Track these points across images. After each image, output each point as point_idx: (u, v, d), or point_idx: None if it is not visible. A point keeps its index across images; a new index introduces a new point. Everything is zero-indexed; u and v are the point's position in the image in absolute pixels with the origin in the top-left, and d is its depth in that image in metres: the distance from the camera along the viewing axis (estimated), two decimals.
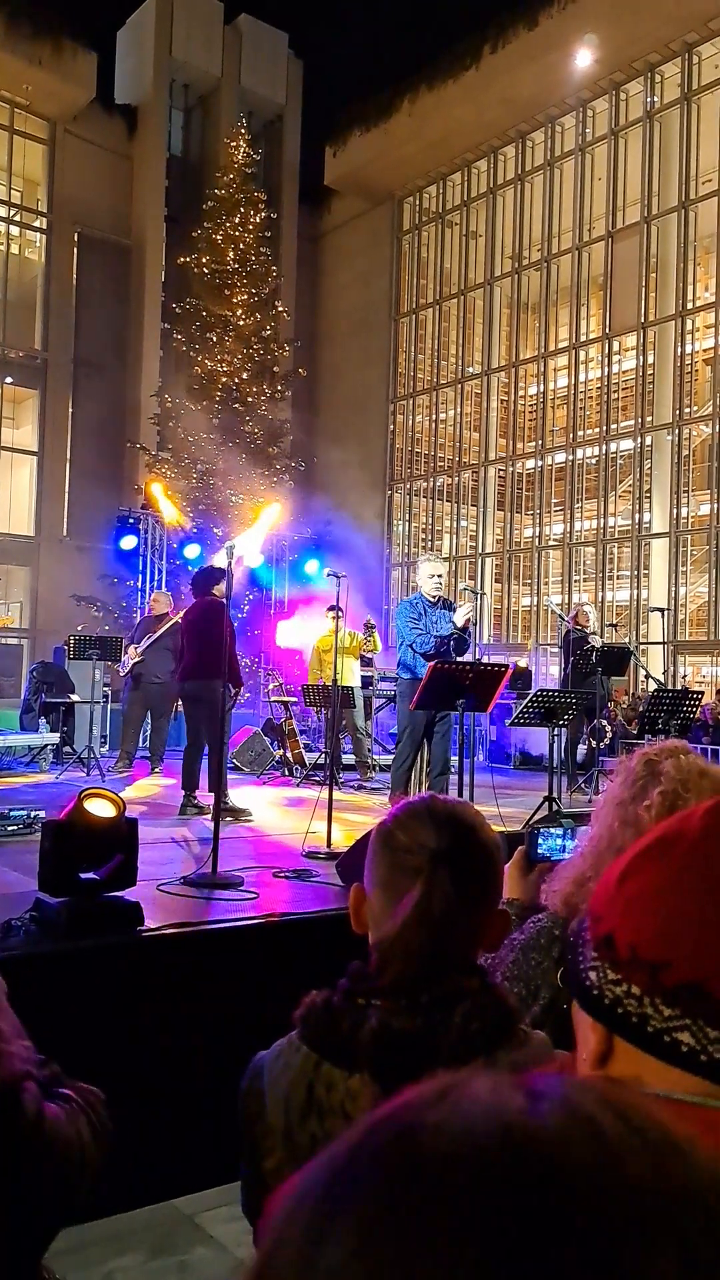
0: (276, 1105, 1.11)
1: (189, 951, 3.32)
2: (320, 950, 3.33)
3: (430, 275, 26.80)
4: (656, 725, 7.19)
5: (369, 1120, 0.36)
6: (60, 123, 25.20)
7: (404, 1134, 0.34)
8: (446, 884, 1.11)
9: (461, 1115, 0.34)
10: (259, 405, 18.24)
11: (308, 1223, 0.33)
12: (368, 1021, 1.07)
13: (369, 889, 1.20)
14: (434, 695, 5.54)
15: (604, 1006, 0.67)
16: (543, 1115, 0.34)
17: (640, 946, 0.66)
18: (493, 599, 24.31)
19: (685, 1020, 0.62)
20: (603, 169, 22.51)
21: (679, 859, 0.67)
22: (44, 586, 24.09)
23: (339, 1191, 0.33)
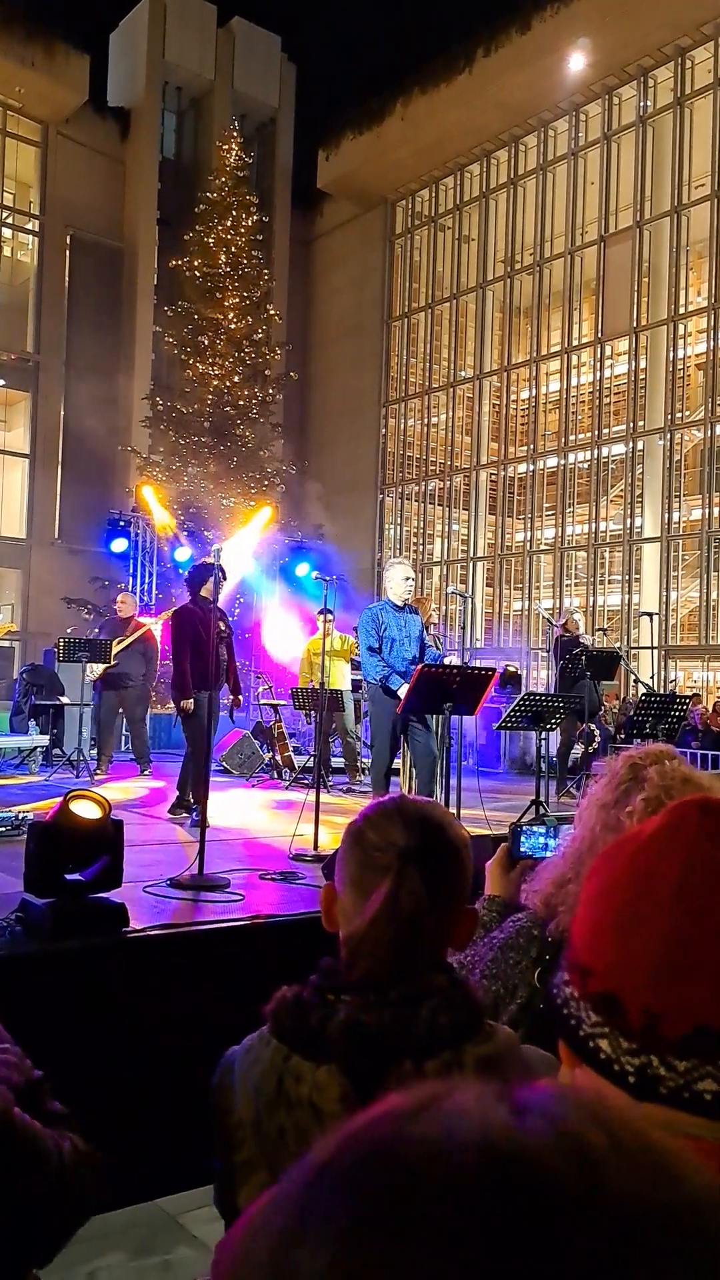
0: (247, 1098, 1.12)
1: (174, 953, 3.32)
2: (305, 952, 3.33)
3: (423, 279, 26.85)
4: (644, 730, 7.21)
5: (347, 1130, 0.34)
6: (53, 125, 25.21)
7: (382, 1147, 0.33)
8: (415, 881, 1.12)
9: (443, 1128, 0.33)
10: (250, 409, 18.25)
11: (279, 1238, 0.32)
12: (337, 1015, 1.08)
13: (339, 887, 1.21)
14: (421, 699, 5.55)
15: (555, 1007, 0.67)
16: (528, 1130, 0.33)
17: (578, 949, 0.65)
18: (484, 603, 24.36)
19: (605, 1029, 0.61)
20: (595, 173, 22.60)
21: (624, 860, 0.66)
22: (35, 589, 24.07)
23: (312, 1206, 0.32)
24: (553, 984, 0.69)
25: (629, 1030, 0.60)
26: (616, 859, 0.66)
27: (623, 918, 0.62)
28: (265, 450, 18.62)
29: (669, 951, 0.59)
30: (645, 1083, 0.59)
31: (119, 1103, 2.92)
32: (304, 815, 5.34)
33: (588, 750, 9.20)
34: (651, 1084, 0.59)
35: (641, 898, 0.62)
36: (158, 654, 9.30)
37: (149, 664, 8.99)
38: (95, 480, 23.90)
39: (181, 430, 17.78)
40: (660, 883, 0.62)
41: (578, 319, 23.22)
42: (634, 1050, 0.60)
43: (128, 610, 9.02)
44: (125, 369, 25.59)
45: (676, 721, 7.32)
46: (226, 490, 17.53)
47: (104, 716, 8.62)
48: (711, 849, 0.62)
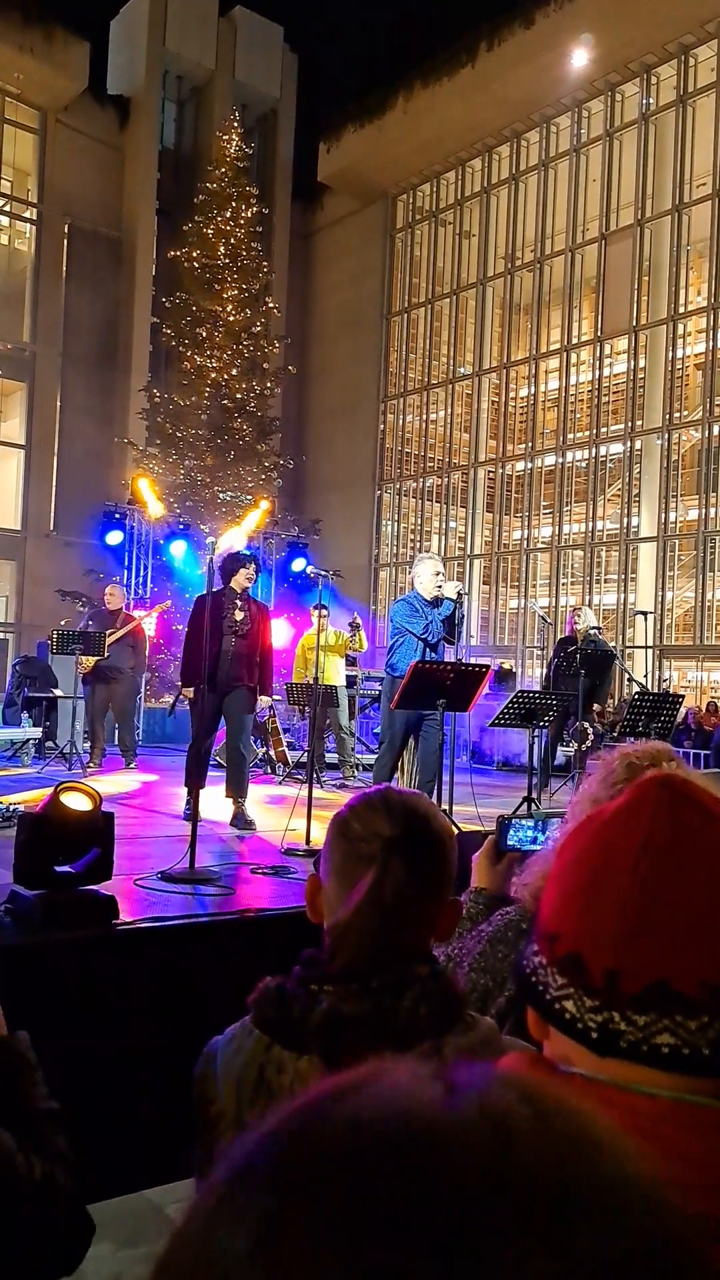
0: (229, 1088, 1.13)
1: (165, 946, 3.31)
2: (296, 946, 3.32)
3: (423, 274, 26.80)
4: (637, 728, 7.21)
5: (282, 1110, 0.35)
6: (51, 112, 25.08)
7: (307, 1126, 0.34)
8: (399, 871, 1.13)
9: (369, 1107, 0.33)
10: (248, 402, 18.20)
11: (210, 1212, 0.33)
12: (318, 1005, 1.09)
13: (324, 878, 1.22)
14: (415, 695, 5.54)
15: (524, 976, 0.70)
16: (452, 1107, 0.33)
17: (546, 919, 0.69)
18: (480, 601, 24.36)
19: (569, 989, 0.65)
20: (597, 170, 22.55)
21: (588, 836, 0.70)
22: (29, 581, 24.01)
23: (237, 1186, 0.33)
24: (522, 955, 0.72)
25: (591, 988, 0.64)
26: (583, 832, 0.71)
27: (588, 884, 0.67)
28: (263, 444, 18.58)
29: (627, 912, 0.64)
30: (606, 1038, 0.63)
31: (107, 1094, 2.91)
32: (296, 810, 5.33)
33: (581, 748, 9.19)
34: (612, 1039, 0.63)
35: (605, 865, 0.67)
36: (146, 647, 9.31)
37: (137, 656, 8.98)
38: (91, 472, 23.86)
39: (178, 423, 17.73)
40: (621, 851, 0.67)
41: (577, 317, 23.19)
42: (596, 1008, 0.64)
43: (116, 602, 9.00)
44: (122, 360, 25.53)
45: (669, 720, 7.32)
46: (223, 484, 17.50)
47: (95, 709, 8.60)
48: (669, 818, 0.66)
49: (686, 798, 0.68)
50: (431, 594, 6.13)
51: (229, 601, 5.90)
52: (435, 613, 6.11)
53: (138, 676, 9.13)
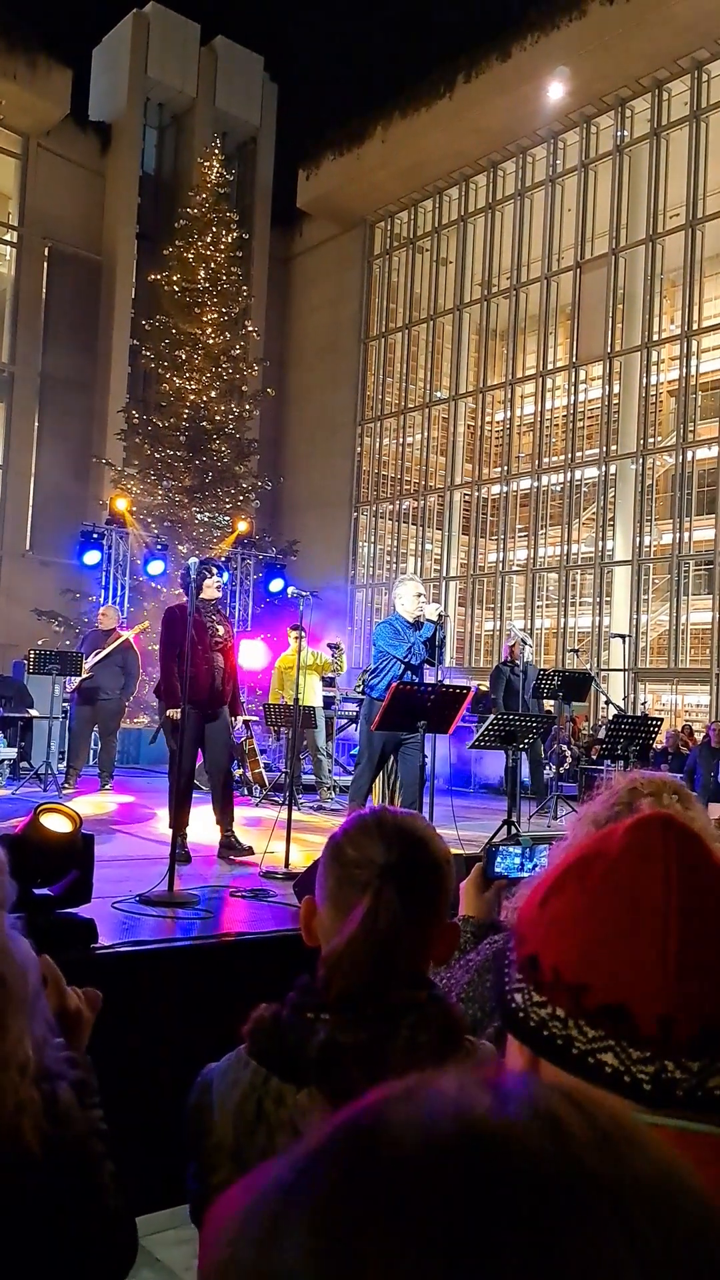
0: (225, 1120, 1.10)
1: (144, 970, 3.28)
2: (276, 970, 3.30)
3: (400, 300, 27.05)
4: (616, 751, 7.25)
5: (334, 1120, 0.35)
6: (33, 137, 25.19)
7: (364, 1133, 0.34)
8: (393, 899, 1.11)
9: (424, 1114, 0.34)
10: (227, 424, 18.24)
11: (266, 1220, 0.32)
12: (315, 1035, 1.07)
13: (319, 903, 1.20)
14: (395, 717, 5.54)
15: (529, 1029, 0.66)
16: (507, 1113, 0.34)
17: (563, 969, 0.65)
18: (455, 623, 24.44)
19: (609, 1042, 0.62)
20: (572, 200, 22.91)
21: (597, 879, 0.67)
22: (5, 600, 23.81)
23: (298, 1190, 0.33)
24: (518, 1007, 0.68)
25: (639, 1039, 0.62)
26: (587, 878, 0.68)
27: (617, 932, 0.64)
28: (241, 465, 18.61)
29: (669, 958, 0.62)
30: (661, 1088, 0.61)
31: None
32: (275, 832, 5.30)
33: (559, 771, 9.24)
34: (668, 1089, 0.61)
35: (632, 912, 0.64)
36: (139, 667, 9.19)
37: (128, 678, 8.90)
38: (68, 492, 23.78)
39: (157, 444, 17.73)
40: (648, 897, 0.64)
41: (553, 343, 23.47)
42: (647, 1058, 0.61)
43: (110, 623, 8.97)
44: (101, 381, 25.53)
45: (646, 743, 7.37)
46: (201, 505, 17.51)
47: (78, 729, 8.53)
48: (687, 860, 0.66)
49: (686, 835, 0.67)
50: (413, 616, 6.12)
51: (207, 616, 5.55)
52: (417, 635, 6.11)
53: (125, 698, 9.05)
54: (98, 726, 8.69)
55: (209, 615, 5.56)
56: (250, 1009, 1.20)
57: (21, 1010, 1.12)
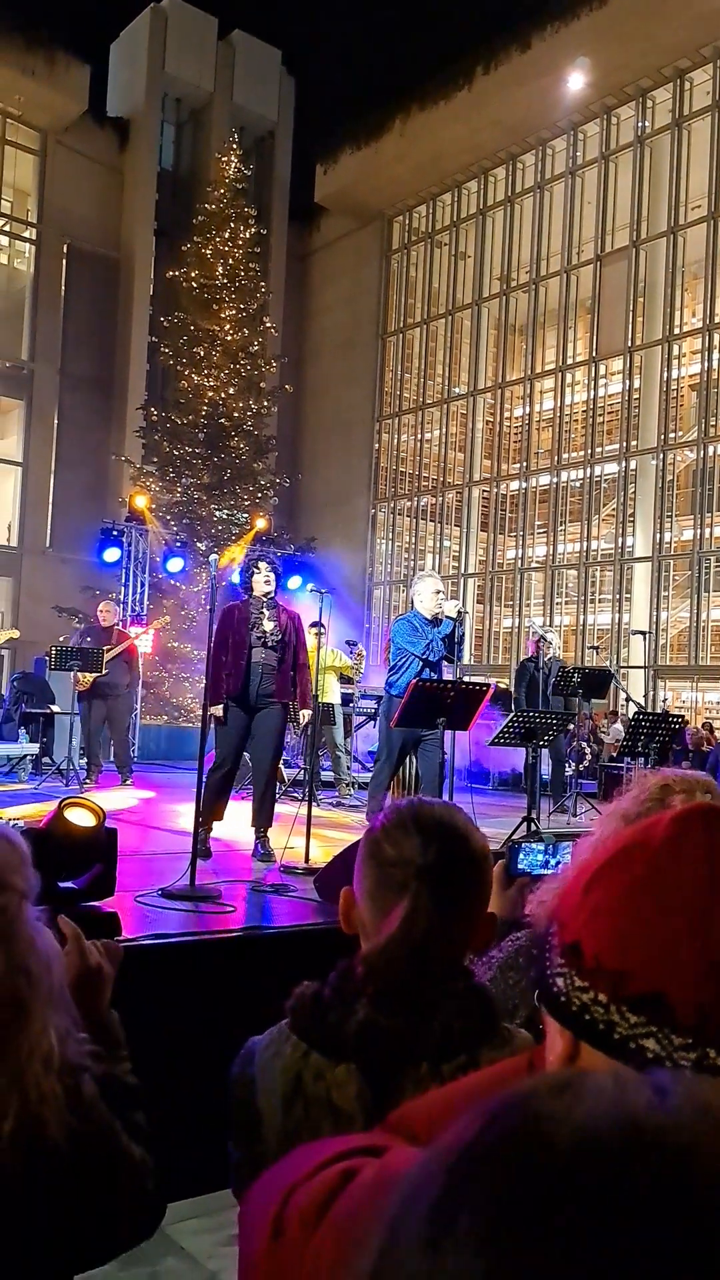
0: (266, 1091, 1.13)
1: (167, 963, 3.30)
2: (296, 963, 3.32)
3: (418, 295, 26.99)
4: (636, 748, 7.22)
5: (484, 1111, 0.34)
6: (51, 134, 25.29)
7: (524, 1125, 0.33)
8: (429, 901, 1.12)
9: (585, 1107, 0.33)
10: (245, 421, 18.26)
11: (426, 1221, 0.31)
12: (355, 1015, 1.09)
13: (358, 896, 1.20)
14: (415, 714, 5.54)
15: (571, 1013, 0.67)
16: (669, 1110, 0.33)
17: (604, 955, 0.66)
18: (474, 620, 24.39)
19: (651, 1028, 0.63)
20: (593, 193, 22.79)
21: (640, 868, 0.68)
22: (26, 597, 24.00)
23: (460, 1182, 0.32)
24: (559, 992, 0.69)
25: (680, 1026, 0.62)
26: (628, 867, 0.68)
27: (658, 921, 0.65)
28: (259, 462, 18.63)
29: (715, 948, 0.63)
30: (702, 1074, 0.61)
31: None
32: (295, 829, 5.32)
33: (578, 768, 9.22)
34: (710, 1075, 0.61)
35: (673, 901, 0.65)
36: (140, 664, 9.36)
37: (131, 673, 9.05)
38: (88, 490, 23.91)
39: (175, 441, 17.78)
40: (690, 886, 0.65)
41: (573, 337, 23.36)
42: (688, 1045, 0.62)
43: (110, 619, 9.03)
44: (120, 379, 25.63)
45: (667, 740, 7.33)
46: (219, 502, 17.54)
47: (94, 726, 8.61)
48: None
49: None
50: (432, 612, 6.11)
51: (256, 611, 5.46)
52: (435, 632, 6.10)
53: (132, 693, 9.17)
54: (109, 723, 8.77)
55: (257, 611, 5.47)
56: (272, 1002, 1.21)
57: (46, 1002, 1.14)
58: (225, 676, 5.29)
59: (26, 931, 1.15)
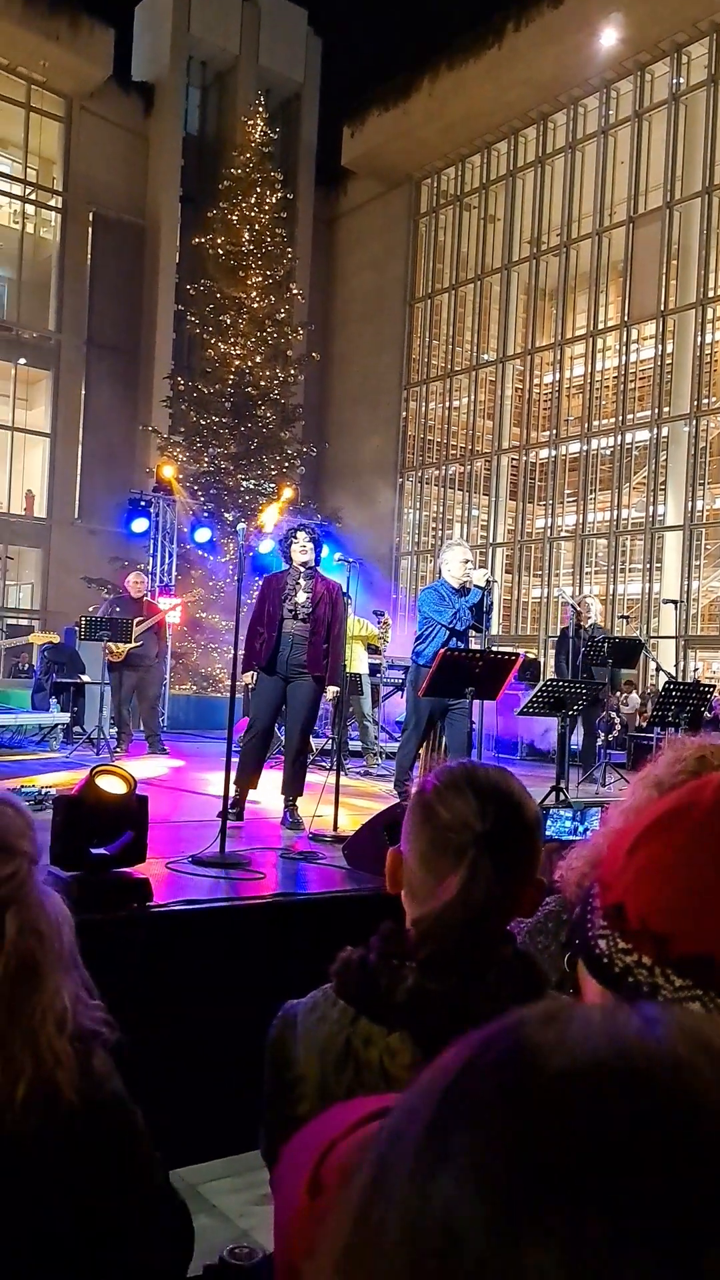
0: (310, 1056, 1.13)
1: (196, 928, 3.34)
2: (326, 930, 3.35)
3: (447, 259, 26.63)
4: (667, 719, 7.18)
5: (474, 1040, 0.35)
6: (76, 99, 25.09)
7: (517, 1051, 0.33)
8: (489, 869, 1.11)
9: (576, 1034, 0.33)
10: (271, 389, 18.17)
11: (418, 1144, 0.31)
12: (404, 981, 1.09)
13: (407, 856, 1.19)
14: (443, 683, 5.53)
15: (614, 975, 0.67)
16: (659, 1037, 0.33)
17: (650, 918, 0.66)
18: (502, 589, 24.27)
19: (697, 991, 0.63)
20: (625, 152, 22.30)
21: (689, 830, 0.67)
22: (55, 567, 24.16)
23: (452, 1109, 0.32)
24: (602, 953, 0.69)
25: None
26: (676, 829, 0.68)
27: (705, 884, 0.64)
28: (286, 431, 18.56)
29: None
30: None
31: (139, 1074, 2.93)
32: (323, 797, 5.35)
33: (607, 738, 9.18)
34: None
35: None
36: (166, 633, 9.51)
37: (160, 643, 9.17)
38: (115, 460, 23.95)
39: (202, 410, 17.74)
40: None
41: (604, 301, 22.98)
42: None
43: (140, 590, 9.12)
44: (146, 348, 25.57)
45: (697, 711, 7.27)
46: (246, 472, 17.50)
47: (124, 695, 8.70)
48: None
49: None
50: (459, 581, 6.09)
51: (292, 581, 5.43)
52: (462, 601, 6.08)
53: (162, 663, 9.29)
54: (138, 693, 8.86)
55: (293, 581, 5.43)
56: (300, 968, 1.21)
57: (58, 965, 1.14)
58: (259, 646, 5.32)
59: (35, 895, 1.16)
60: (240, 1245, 1.28)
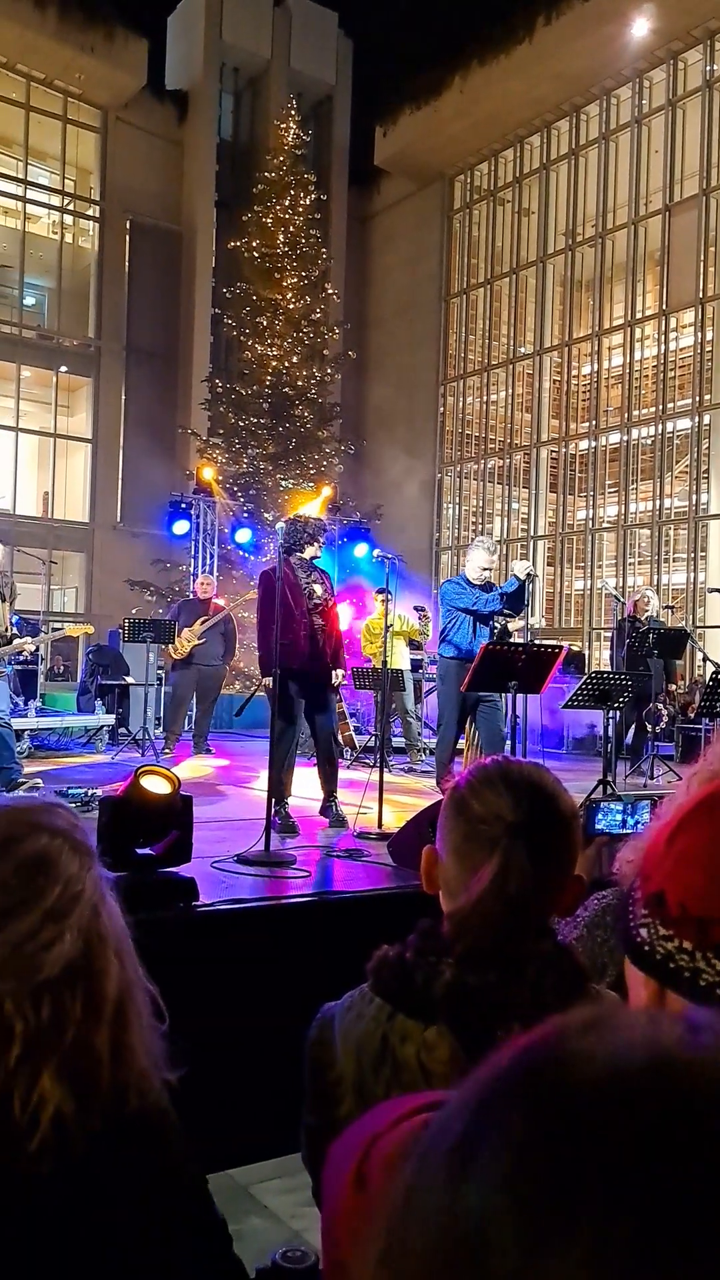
0: (348, 1055, 1.12)
1: (244, 928, 3.34)
2: (372, 929, 3.34)
3: (481, 254, 26.49)
4: (716, 709, 7.08)
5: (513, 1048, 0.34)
6: (112, 110, 25.35)
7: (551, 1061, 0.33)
8: (523, 858, 1.10)
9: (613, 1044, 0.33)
10: (309, 389, 18.22)
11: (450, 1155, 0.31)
12: (441, 976, 1.08)
13: (442, 853, 1.19)
14: (485, 676, 5.49)
15: (656, 962, 0.67)
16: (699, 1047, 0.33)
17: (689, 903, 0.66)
18: (544, 582, 24.08)
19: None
20: (660, 141, 22.02)
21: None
22: (99, 571, 24.44)
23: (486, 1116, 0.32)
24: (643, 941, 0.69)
25: None
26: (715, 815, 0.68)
27: None
28: (323, 430, 18.59)
29: None
30: None
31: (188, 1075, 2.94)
32: (367, 794, 5.33)
33: (655, 730, 9.05)
34: None
35: None
36: (235, 636, 9.47)
37: (228, 645, 9.18)
38: (155, 463, 24.15)
39: (240, 412, 17.83)
40: None
41: (641, 291, 22.70)
42: None
43: (207, 592, 9.28)
44: (184, 352, 25.76)
45: None
46: (285, 471, 17.56)
47: (181, 694, 8.75)
48: None
49: None
50: (479, 581, 6.15)
51: (305, 576, 5.34)
52: (483, 595, 6.13)
53: (225, 666, 9.35)
54: (197, 693, 8.90)
55: (306, 576, 5.37)
56: (347, 966, 1.20)
57: (121, 966, 1.13)
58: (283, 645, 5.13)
59: (98, 899, 1.15)
60: (293, 1248, 1.27)
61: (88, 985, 1.04)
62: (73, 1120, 0.99)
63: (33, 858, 1.06)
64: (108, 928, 1.09)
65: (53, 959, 1.00)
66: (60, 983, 1.01)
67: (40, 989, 0.99)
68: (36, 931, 1.01)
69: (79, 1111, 1.00)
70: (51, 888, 1.04)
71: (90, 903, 1.09)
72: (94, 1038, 1.04)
